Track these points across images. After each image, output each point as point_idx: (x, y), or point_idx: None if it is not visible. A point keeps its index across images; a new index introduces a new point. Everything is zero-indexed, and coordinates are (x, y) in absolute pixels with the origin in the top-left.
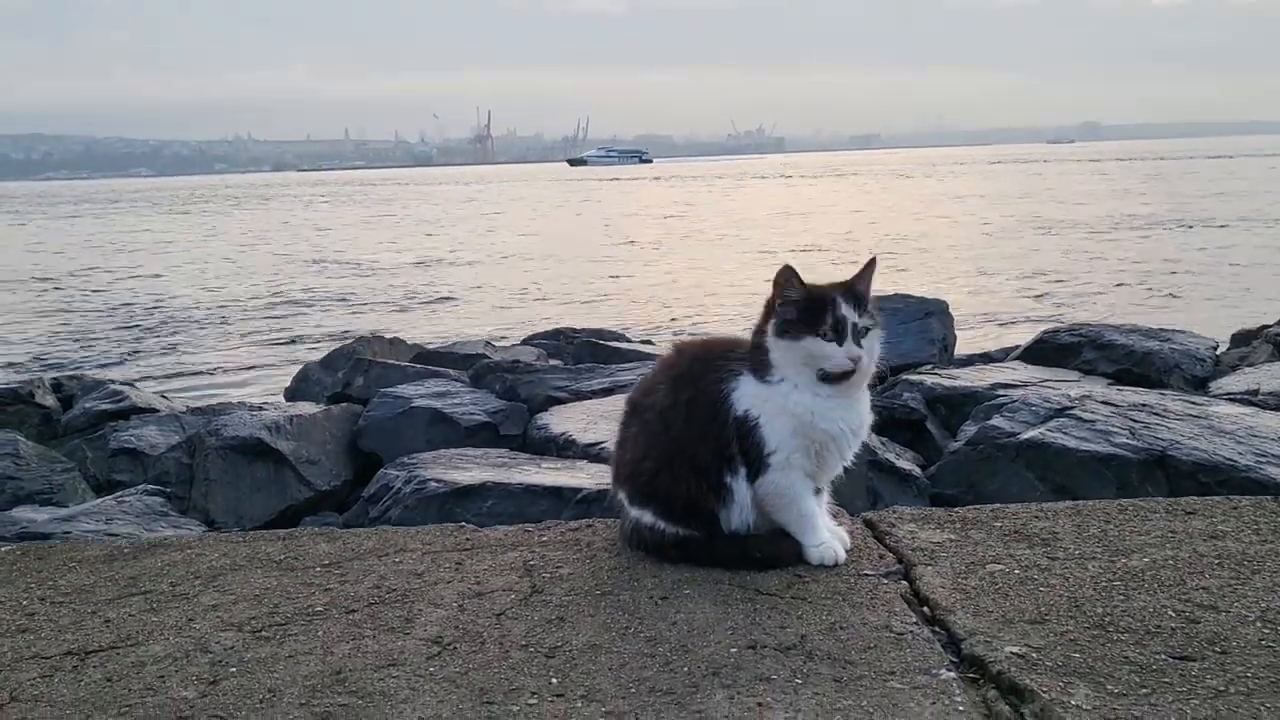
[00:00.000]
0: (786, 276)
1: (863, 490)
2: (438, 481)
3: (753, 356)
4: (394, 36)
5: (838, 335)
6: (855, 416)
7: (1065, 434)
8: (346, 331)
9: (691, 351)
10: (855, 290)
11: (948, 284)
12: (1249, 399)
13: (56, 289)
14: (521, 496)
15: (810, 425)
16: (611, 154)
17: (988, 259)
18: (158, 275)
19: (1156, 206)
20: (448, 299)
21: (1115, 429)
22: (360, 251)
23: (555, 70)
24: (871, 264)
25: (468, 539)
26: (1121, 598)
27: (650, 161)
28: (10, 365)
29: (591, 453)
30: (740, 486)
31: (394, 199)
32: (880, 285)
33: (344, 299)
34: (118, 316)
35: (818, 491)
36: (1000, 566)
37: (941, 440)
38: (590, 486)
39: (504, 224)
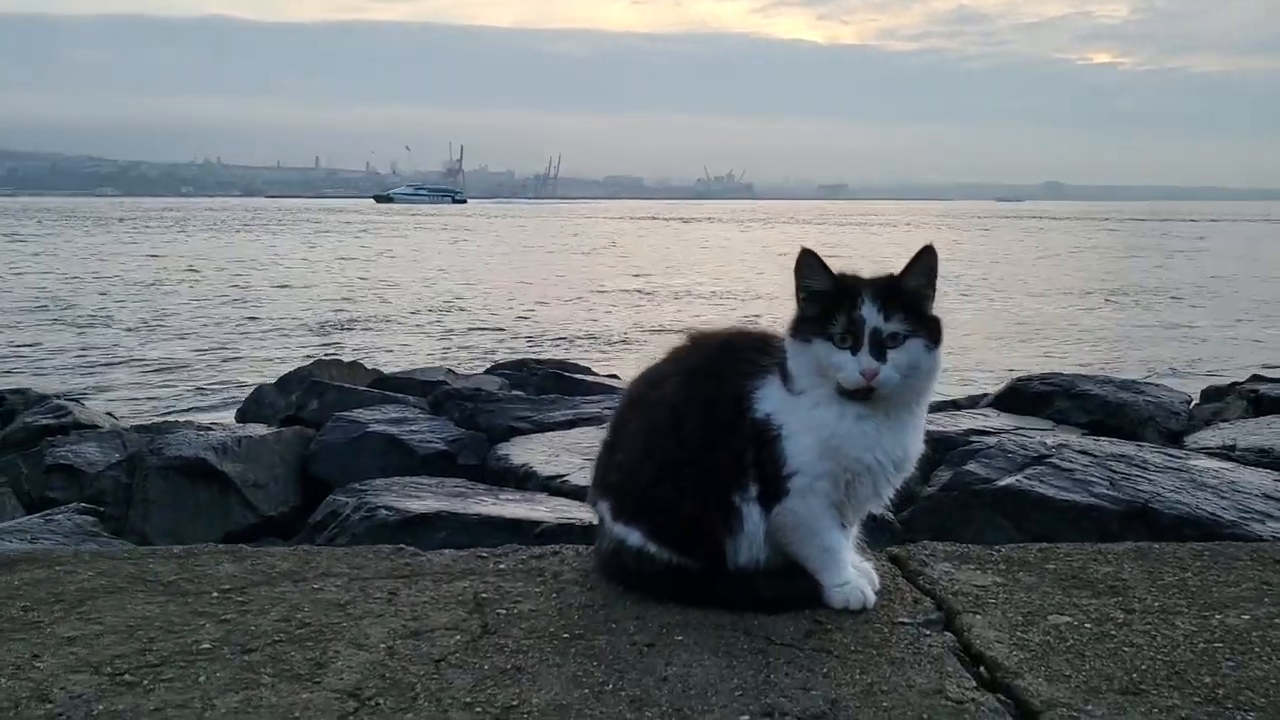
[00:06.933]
0: (807, 262)
1: None
2: (389, 509)
3: (784, 358)
4: (368, 67)
5: (852, 341)
6: (898, 445)
7: (1044, 482)
8: None
9: (714, 341)
10: (896, 287)
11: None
12: (1227, 454)
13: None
14: (477, 528)
15: (838, 450)
16: (421, 192)
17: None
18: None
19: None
20: None
21: (1095, 479)
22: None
23: (528, 109)
24: (925, 254)
25: (407, 564)
26: (1231, 664)
27: (464, 202)
28: None
29: (553, 486)
30: (752, 513)
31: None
32: None
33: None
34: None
35: (842, 527)
36: (1066, 618)
37: (914, 485)
38: (551, 520)
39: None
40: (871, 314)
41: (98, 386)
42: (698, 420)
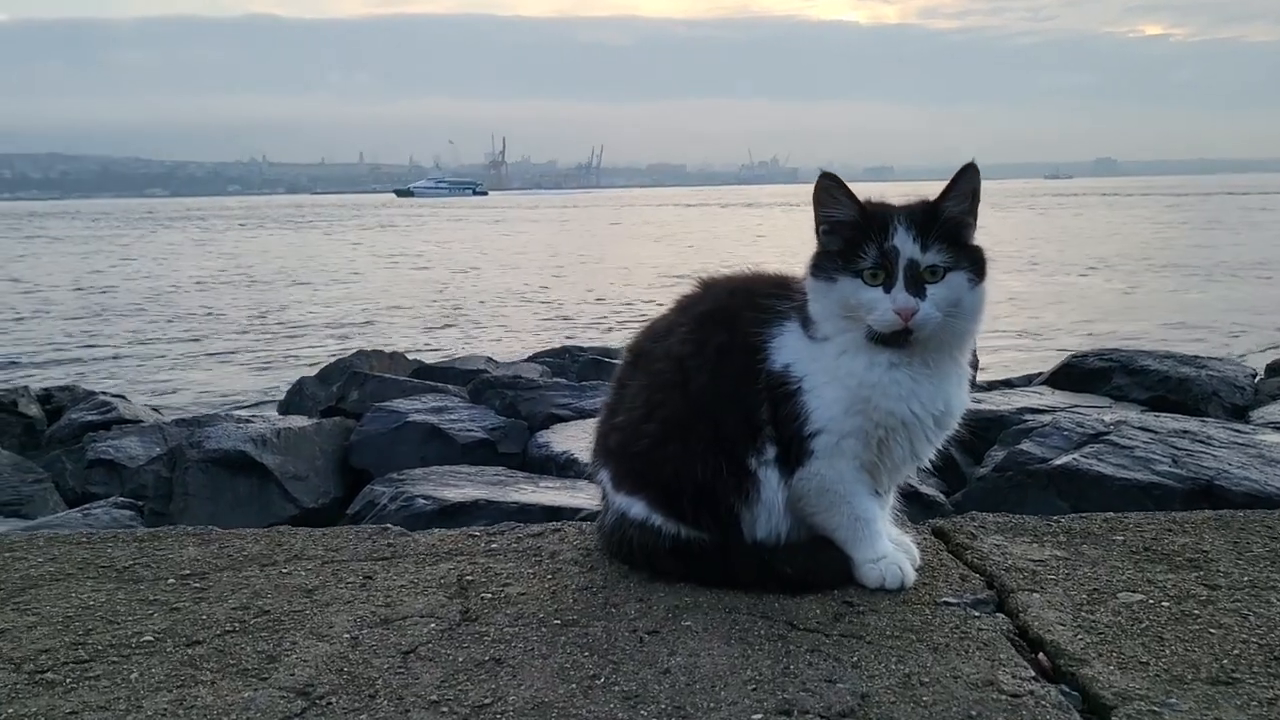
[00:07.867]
0: (827, 187)
1: None
2: (426, 499)
3: (804, 301)
4: (409, 61)
5: (886, 276)
6: (938, 397)
7: (1101, 460)
8: None
9: (725, 286)
10: (933, 213)
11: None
12: None
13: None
14: (515, 516)
15: (868, 403)
16: (442, 185)
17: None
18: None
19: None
20: None
21: (1156, 456)
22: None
23: (570, 99)
24: (966, 174)
25: (389, 544)
26: None
27: (485, 194)
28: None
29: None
30: (770, 479)
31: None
32: None
33: None
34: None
35: (876, 494)
36: (1139, 596)
37: (966, 467)
38: (591, 507)
39: None
40: (906, 244)
41: (171, 385)
42: (707, 373)
